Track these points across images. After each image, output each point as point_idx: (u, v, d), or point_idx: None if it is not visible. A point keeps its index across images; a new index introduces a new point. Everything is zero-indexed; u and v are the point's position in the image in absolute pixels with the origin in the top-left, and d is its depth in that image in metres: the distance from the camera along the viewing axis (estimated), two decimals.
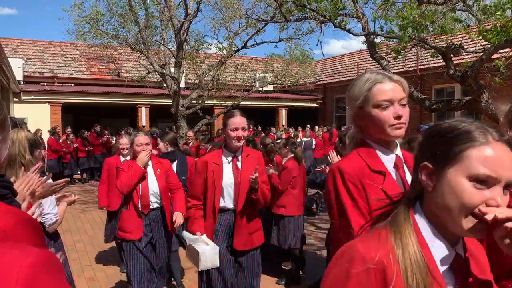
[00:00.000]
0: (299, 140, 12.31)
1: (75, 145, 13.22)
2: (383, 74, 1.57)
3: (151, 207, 3.72)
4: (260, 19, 9.04)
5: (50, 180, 2.34)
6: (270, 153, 5.53)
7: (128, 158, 4.67)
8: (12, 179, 2.24)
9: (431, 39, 6.70)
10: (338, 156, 4.62)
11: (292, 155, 5.11)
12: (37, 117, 14.42)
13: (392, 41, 6.58)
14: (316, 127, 14.68)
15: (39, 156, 2.61)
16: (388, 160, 1.55)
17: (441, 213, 0.98)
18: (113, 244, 6.07)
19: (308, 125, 14.29)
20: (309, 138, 13.35)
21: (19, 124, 2.82)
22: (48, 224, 2.63)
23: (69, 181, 2.49)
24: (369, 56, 6.98)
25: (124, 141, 5.13)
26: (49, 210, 2.61)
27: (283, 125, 18.25)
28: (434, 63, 11.51)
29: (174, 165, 4.78)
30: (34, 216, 1.84)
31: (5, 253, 0.62)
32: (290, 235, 4.88)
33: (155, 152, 4.68)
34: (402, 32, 5.29)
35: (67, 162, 13.10)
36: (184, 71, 12.04)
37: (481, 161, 0.94)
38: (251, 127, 15.96)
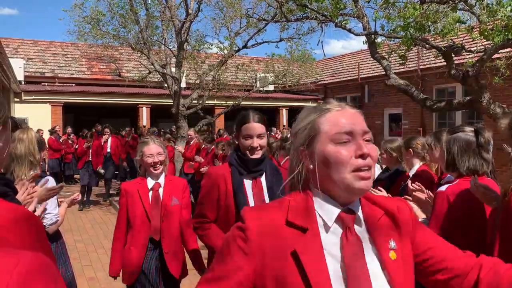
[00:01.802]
0: None
1: (76, 146, 13.19)
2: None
3: None
4: (261, 18, 9.03)
5: (50, 184, 2.36)
6: (275, 152, 5.52)
7: (162, 179, 2.79)
8: (22, 178, 2.26)
9: (432, 39, 6.69)
10: None
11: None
12: (38, 117, 14.42)
13: (394, 40, 6.57)
14: None
15: (41, 157, 2.63)
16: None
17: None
18: None
19: None
20: None
21: (19, 123, 2.82)
22: (48, 224, 2.62)
23: (63, 186, 2.49)
24: (370, 56, 6.97)
25: (153, 150, 2.75)
26: (50, 210, 2.60)
27: (284, 126, 18.25)
28: (435, 63, 11.50)
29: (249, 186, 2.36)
30: (36, 214, 1.85)
31: None
32: None
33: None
34: (404, 33, 5.28)
35: (68, 162, 13.09)
36: (185, 71, 12.03)
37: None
38: None
